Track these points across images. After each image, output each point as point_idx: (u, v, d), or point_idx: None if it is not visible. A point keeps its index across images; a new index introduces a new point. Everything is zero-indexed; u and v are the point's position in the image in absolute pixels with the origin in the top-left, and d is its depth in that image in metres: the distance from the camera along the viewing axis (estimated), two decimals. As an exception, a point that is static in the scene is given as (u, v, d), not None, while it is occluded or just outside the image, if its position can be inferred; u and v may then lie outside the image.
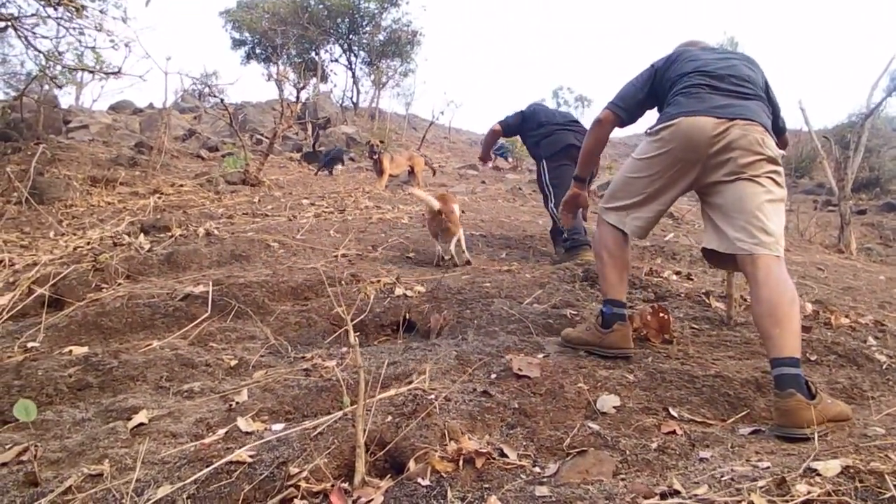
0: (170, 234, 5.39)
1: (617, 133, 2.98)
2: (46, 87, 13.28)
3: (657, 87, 2.65)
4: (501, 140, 15.35)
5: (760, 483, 1.35)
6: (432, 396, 2.03)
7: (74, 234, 6.36)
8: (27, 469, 1.89)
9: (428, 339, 2.93)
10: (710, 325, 3.06)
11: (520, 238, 5.35)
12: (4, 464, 1.98)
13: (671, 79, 2.56)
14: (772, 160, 2.29)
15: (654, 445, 1.80)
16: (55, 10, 7.64)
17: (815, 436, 1.76)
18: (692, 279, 4.30)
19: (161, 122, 13.18)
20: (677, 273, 4.40)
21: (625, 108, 2.71)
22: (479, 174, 12.65)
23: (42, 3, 7.27)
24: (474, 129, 30.05)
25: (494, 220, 6.30)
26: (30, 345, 3.04)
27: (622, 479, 1.61)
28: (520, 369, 2.23)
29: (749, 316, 3.25)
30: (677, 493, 1.44)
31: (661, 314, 2.69)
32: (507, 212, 7.34)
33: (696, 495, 1.39)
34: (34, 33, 7.87)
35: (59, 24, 7.89)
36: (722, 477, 1.50)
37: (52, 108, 13.11)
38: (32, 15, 7.54)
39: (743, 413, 2.05)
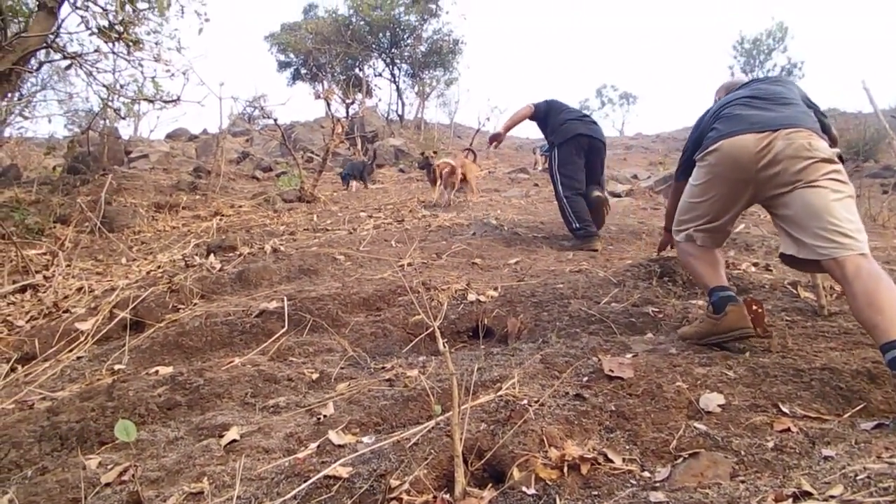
0: (237, 252, 5.49)
1: (664, 128, 2.93)
2: (107, 121, 13.83)
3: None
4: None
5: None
6: (525, 402, 1.97)
7: (145, 259, 6.56)
8: (130, 489, 1.91)
9: (507, 344, 2.87)
10: (803, 317, 2.89)
11: (584, 238, 5.23)
12: (108, 484, 2.02)
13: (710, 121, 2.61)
14: (826, 160, 2.23)
15: (770, 444, 1.69)
16: (114, 45, 7.93)
17: None
18: (771, 270, 4.11)
19: (217, 146, 13.54)
20: (755, 264, 4.22)
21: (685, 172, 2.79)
22: (531, 177, 12.52)
23: (102, 38, 7.55)
24: (519, 133, 29.90)
25: (554, 222, 6.19)
26: (116, 367, 3.12)
27: (742, 482, 1.51)
28: (611, 370, 2.14)
29: (843, 304, 3.07)
30: (809, 494, 1.33)
31: (755, 307, 2.55)
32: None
33: (832, 496, 1.29)
34: (97, 69, 8.19)
35: (117, 58, 8.20)
36: (856, 476, 1.38)
37: (115, 140, 13.63)
38: (95, 51, 7.85)
39: (859, 406, 1.91)
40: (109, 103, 9.07)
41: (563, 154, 5.12)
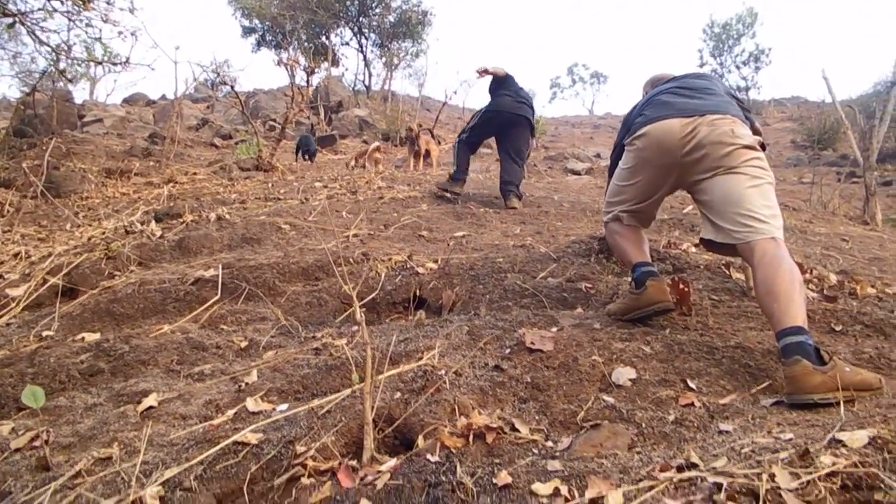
0: (181, 220, 5.39)
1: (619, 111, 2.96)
2: (60, 83, 13.36)
3: None
4: None
5: (782, 455, 1.28)
6: (442, 372, 1.99)
7: (90, 226, 6.40)
8: (39, 454, 1.88)
9: (440, 316, 2.89)
10: (731, 297, 2.97)
11: (535, 214, 5.27)
12: (18, 449, 1.98)
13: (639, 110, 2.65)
14: (748, 147, 2.29)
15: (671, 418, 1.74)
16: (62, 3, 7.62)
17: (840, 403, 1.67)
18: (710, 253, 4.20)
19: (173, 111, 13.19)
20: (696, 245, 4.30)
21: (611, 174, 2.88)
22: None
23: (50, -3, 7.25)
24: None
25: (508, 197, 6.21)
26: (45, 334, 3.05)
27: (638, 453, 1.55)
28: (532, 343, 2.17)
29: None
30: (695, 465, 1.38)
31: (681, 286, 2.61)
32: (523, 188, 7.24)
33: (714, 468, 1.33)
34: (42, 28, 7.86)
35: (68, 19, 7.88)
36: (742, 449, 1.43)
37: (64, 101, 13.16)
38: (39, 9, 7.53)
39: (764, 384, 1.97)
40: (56, 65, 8.74)
41: (485, 118, 5.84)
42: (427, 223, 4.68)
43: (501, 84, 5.83)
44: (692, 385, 1.93)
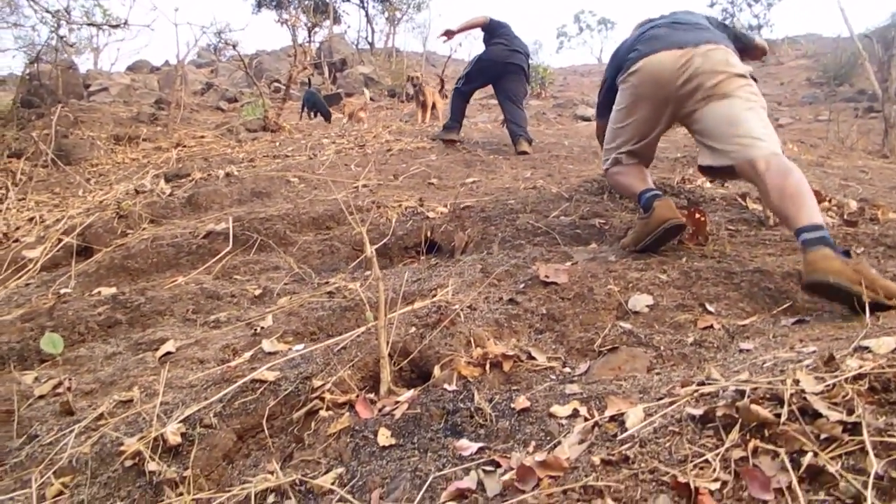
0: (191, 178, 5.37)
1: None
2: (64, 55, 13.24)
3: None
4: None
5: (806, 362, 1.26)
6: (456, 307, 1.97)
7: (101, 190, 6.41)
8: (62, 400, 1.90)
9: (452, 258, 2.87)
10: (748, 227, 2.92)
11: (545, 158, 5.19)
12: (42, 396, 2.01)
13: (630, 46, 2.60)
14: (740, 76, 2.30)
15: (690, 340, 1.71)
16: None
17: (866, 306, 1.63)
18: (726, 186, 4.12)
19: (177, 75, 13.07)
20: (711, 181, 4.23)
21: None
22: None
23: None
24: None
25: (518, 144, 6.12)
26: (62, 291, 3.07)
27: (657, 374, 1.53)
28: (547, 276, 2.14)
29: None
30: (716, 381, 1.36)
31: (698, 215, 2.56)
32: (532, 134, 7.14)
33: (737, 381, 1.31)
34: (41, -6, 7.74)
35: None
36: (764, 364, 1.41)
37: (67, 69, 13.05)
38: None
39: (785, 305, 1.94)
40: (56, 31, 8.65)
41: (478, 67, 5.88)
42: (436, 172, 4.62)
43: (493, 33, 5.83)
44: (711, 309, 1.90)
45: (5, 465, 1.72)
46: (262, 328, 2.20)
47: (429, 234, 3.05)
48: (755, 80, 2.38)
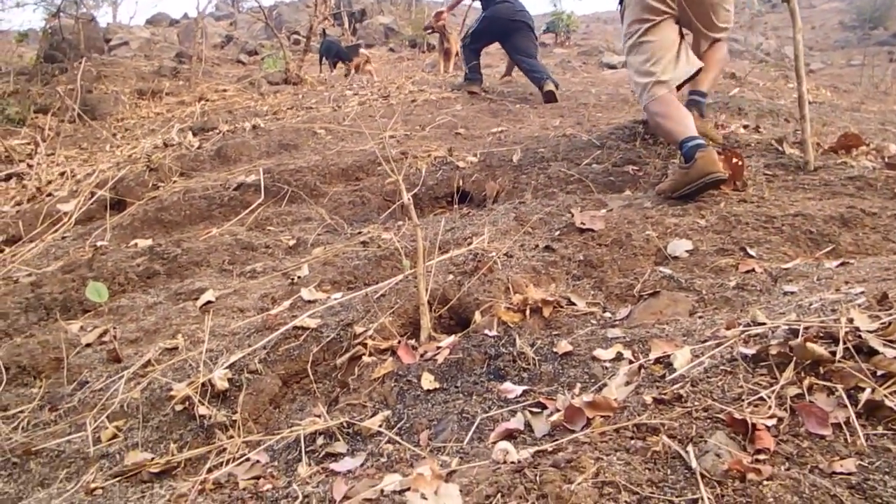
0: (217, 131, 5.37)
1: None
2: (84, 9, 13.15)
3: None
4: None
5: (858, 301, 1.24)
6: (493, 254, 1.97)
7: (129, 145, 6.45)
8: (109, 348, 1.95)
9: (484, 207, 2.85)
10: (786, 171, 2.85)
11: (573, 107, 5.09)
12: (89, 345, 2.07)
13: None
14: None
15: (732, 283, 1.70)
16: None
17: None
18: (761, 131, 4.02)
19: (197, 28, 12.93)
20: (745, 126, 4.12)
21: None
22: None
23: None
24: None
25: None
26: (99, 244, 3.12)
27: (699, 318, 1.53)
28: (583, 223, 2.13)
29: (828, 159, 3.02)
30: (762, 323, 1.34)
31: (735, 160, 2.50)
32: (559, 84, 6.99)
33: (785, 322, 1.30)
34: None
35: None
36: (811, 305, 1.39)
37: (88, 22, 12.97)
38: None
39: (828, 249, 1.91)
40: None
41: (482, 25, 5.92)
42: (463, 122, 4.56)
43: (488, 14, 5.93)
44: (752, 253, 1.88)
45: (59, 410, 1.78)
46: (299, 277, 2.23)
47: (460, 183, 3.03)
48: None
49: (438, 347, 1.56)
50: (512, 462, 1.00)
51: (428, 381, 1.45)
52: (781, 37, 20.31)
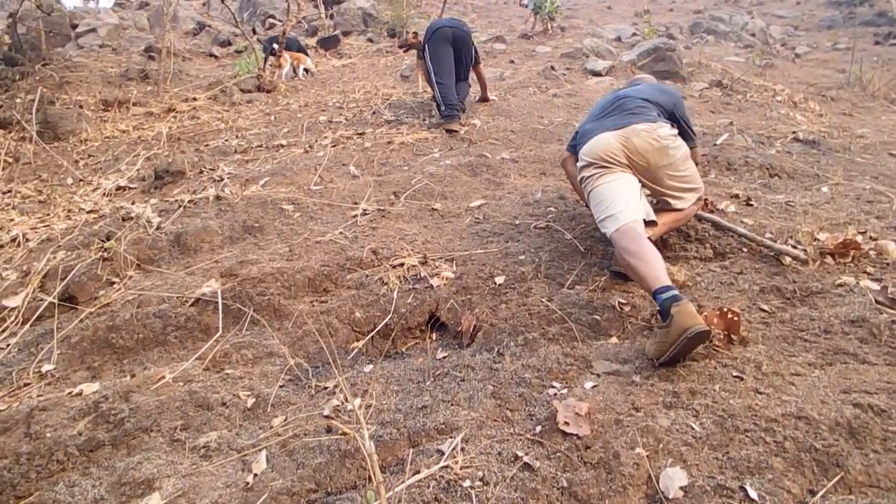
0: (179, 190, 5.10)
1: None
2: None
3: None
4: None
5: None
6: (467, 483, 1.77)
7: (90, 183, 6.12)
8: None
9: (461, 344, 2.65)
10: (780, 299, 2.68)
11: (555, 157, 4.85)
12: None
13: None
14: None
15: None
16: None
17: None
18: (752, 204, 3.83)
19: (166, 17, 12.35)
20: (734, 197, 3.93)
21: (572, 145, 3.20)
22: (507, 50, 11.67)
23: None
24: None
25: (526, 129, 5.76)
26: (44, 369, 2.89)
27: None
28: (566, 423, 1.93)
29: (825, 272, 2.85)
30: None
31: (730, 315, 2.32)
32: (541, 109, 6.73)
33: None
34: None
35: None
36: None
37: (49, 14, 12.34)
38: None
39: (836, 477, 1.73)
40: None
41: (431, 50, 6.06)
42: (440, 185, 4.32)
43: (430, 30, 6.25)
44: (752, 494, 1.69)
45: None
46: (255, 475, 2.02)
47: (435, 309, 2.81)
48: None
49: None
50: None
51: None
52: (767, 14, 20.03)
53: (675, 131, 2.90)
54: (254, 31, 12.46)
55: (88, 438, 2.32)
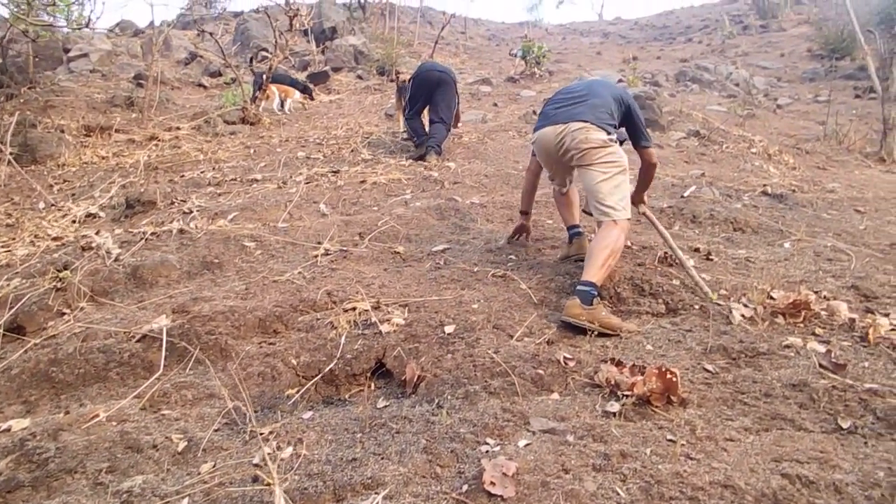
0: (153, 210, 5.08)
1: (644, 11, 2.71)
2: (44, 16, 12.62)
3: None
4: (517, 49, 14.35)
5: None
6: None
7: (59, 210, 6.08)
8: None
9: (403, 394, 2.62)
10: (725, 359, 2.68)
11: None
12: None
13: None
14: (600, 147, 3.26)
15: None
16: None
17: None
18: (712, 258, 3.86)
19: (155, 46, 12.45)
20: (695, 251, 3.96)
21: None
22: (492, 93, 11.86)
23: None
24: (493, 17, 28.34)
25: (500, 174, 5.82)
26: (-20, 401, 2.83)
27: None
28: (493, 483, 1.90)
29: (774, 332, 2.87)
30: None
31: (669, 375, 2.31)
32: (517, 153, 6.81)
33: None
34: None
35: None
36: None
37: (50, 38, 12.39)
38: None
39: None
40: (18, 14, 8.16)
41: (413, 90, 6.84)
42: (406, 227, 4.33)
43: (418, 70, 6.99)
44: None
45: None
46: (174, 526, 1.97)
47: (382, 355, 2.79)
48: (622, 143, 3.46)
49: None
50: None
51: None
52: (751, 65, 20.50)
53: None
54: (251, 61, 12.52)
55: (8, 479, 2.25)
